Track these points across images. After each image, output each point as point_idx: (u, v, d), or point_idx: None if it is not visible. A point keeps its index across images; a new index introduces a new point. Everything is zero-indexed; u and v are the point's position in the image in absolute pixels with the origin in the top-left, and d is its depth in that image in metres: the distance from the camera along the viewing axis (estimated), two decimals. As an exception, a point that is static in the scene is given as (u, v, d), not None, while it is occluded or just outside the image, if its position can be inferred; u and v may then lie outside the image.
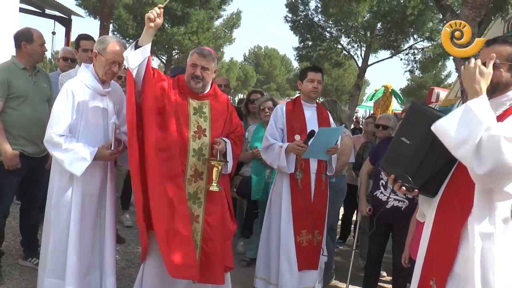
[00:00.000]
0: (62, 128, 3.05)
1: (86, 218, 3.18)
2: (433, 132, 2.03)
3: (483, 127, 1.85)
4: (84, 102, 3.16)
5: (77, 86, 3.16)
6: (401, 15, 19.62)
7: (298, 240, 3.76)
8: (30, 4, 10.37)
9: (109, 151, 3.15)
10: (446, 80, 41.32)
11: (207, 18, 24.17)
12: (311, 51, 24.13)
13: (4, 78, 3.58)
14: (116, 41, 3.25)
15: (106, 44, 3.19)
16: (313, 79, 3.89)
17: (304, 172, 3.80)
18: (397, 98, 13.10)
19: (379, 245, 4.06)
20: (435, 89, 9.58)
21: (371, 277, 4.13)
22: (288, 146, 3.68)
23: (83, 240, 3.17)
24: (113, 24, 23.12)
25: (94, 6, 18.50)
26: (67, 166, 3.02)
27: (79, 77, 3.24)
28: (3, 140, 3.57)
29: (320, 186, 3.88)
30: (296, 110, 3.94)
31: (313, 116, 3.94)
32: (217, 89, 3.44)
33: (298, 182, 3.77)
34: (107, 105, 3.29)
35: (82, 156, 3.03)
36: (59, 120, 3.05)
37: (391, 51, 22.40)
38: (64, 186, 3.13)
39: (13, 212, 4.85)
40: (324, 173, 3.91)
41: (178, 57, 27.94)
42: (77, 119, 3.13)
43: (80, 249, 3.14)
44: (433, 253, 2.14)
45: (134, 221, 5.73)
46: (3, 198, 3.70)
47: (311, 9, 22.85)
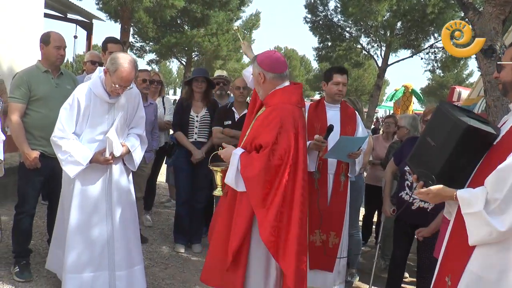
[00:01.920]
0: (63, 132, 3.27)
1: (85, 213, 3.35)
2: (456, 135, 2.09)
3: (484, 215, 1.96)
4: (90, 108, 3.32)
5: (84, 93, 3.31)
6: (421, 13, 19.41)
7: (311, 239, 3.74)
8: (53, 9, 10.58)
9: (103, 158, 3.33)
10: (468, 79, 40.69)
11: (227, 20, 24.27)
12: (331, 51, 24.05)
13: (24, 82, 3.69)
14: (126, 65, 3.20)
15: (116, 67, 3.19)
16: (338, 82, 3.87)
17: (322, 173, 3.79)
18: (417, 98, 12.97)
19: (403, 247, 4.01)
20: (457, 88, 9.45)
21: (395, 279, 4.08)
22: (309, 144, 3.63)
23: (81, 234, 3.33)
24: (133, 28, 23.41)
25: (115, 10, 18.74)
26: (63, 167, 3.31)
27: (89, 83, 3.37)
28: (24, 141, 3.68)
29: (339, 188, 3.86)
30: (318, 111, 3.94)
31: (335, 116, 3.92)
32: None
33: (315, 182, 3.75)
34: (113, 114, 3.41)
35: (76, 160, 3.25)
36: (61, 125, 3.28)
37: (411, 50, 22.17)
38: (67, 180, 3.41)
39: (40, 212, 4.97)
40: (343, 174, 3.89)
41: (198, 59, 28.12)
42: (81, 123, 3.33)
43: (77, 242, 3.32)
44: (451, 250, 2.17)
45: (154, 221, 5.82)
46: (28, 198, 3.80)
47: (330, 9, 22.78)
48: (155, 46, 25.51)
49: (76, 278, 3.32)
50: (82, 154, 3.26)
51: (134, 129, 3.62)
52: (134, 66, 3.28)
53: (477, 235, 1.98)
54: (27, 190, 3.80)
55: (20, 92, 3.68)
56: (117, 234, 3.43)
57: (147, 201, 5.74)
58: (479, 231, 1.97)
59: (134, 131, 3.62)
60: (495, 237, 1.93)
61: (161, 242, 5.11)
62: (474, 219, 2.00)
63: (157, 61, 29.46)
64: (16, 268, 3.77)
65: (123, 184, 3.52)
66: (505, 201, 1.90)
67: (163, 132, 5.57)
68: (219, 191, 3.01)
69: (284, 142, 2.70)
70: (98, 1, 19.23)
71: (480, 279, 1.98)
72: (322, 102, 4.01)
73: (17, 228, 3.83)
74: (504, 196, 1.90)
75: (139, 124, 3.66)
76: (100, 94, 3.32)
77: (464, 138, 2.10)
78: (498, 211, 1.92)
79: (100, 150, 3.34)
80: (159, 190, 7.02)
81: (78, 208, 3.33)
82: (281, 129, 2.71)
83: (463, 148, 2.11)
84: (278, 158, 2.68)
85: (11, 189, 5.38)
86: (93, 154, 3.30)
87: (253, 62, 2.97)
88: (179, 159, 4.95)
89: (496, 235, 1.92)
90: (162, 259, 4.62)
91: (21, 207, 3.81)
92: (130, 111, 3.55)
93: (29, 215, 3.86)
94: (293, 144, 2.72)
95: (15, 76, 3.89)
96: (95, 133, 3.35)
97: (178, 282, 4.11)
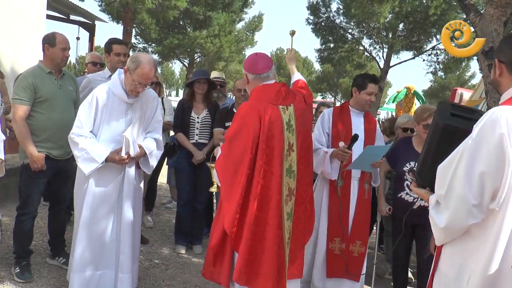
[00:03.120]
0: (81, 130, 3.30)
1: (97, 213, 3.38)
2: (437, 134, 2.12)
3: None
4: (108, 108, 3.36)
5: (104, 92, 3.36)
6: (423, 15, 19.44)
7: (330, 246, 3.72)
8: (56, 10, 10.62)
9: (119, 157, 3.35)
10: (470, 81, 40.65)
11: (229, 21, 24.32)
12: (333, 53, 24.10)
13: (30, 83, 3.66)
14: (147, 63, 3.29)
15: (137, 64, 3.26)
16: (372, 92, 3.77)
17: (345, 180, 3.73)
18: (419, 99, 12.95)
19: (405, 247, 3.98)
20: (459, 90, 9.41)
21: (401, 281, 4.04)
22: (332, 152, 3.62)
23: (92, 232, 3.37)
24: (135, 29, 23.47)
25: (117, 11, 18.79)
26: (79, 164, 3.32)
27: (109, 83, 3.44)
28: (29, 143, 3.66)
29: (363, 196, 3.80)
30: (343, 116, 3.85)
31: (359, 124, 3.84)
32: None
33: (338, 190, 3.72)
34: (131, 114, 3.45)
35: (92, 157, 3.27)
36: (79, 123, 3.31)
37: (413, 52, 22.19)
38: (81, 179, 3.43)
39: (41, 213, 4.98)
40: (367, 182, 3.82)
41: (200, 60, 28.15)
42: (99, 123, 3.36)
43: (88, 240, 3.36)
44: (437, 249, 2.19)
45: (155, 222, 5.83)
46: (31, 199, 3.80)
47: (332, 11, 22.85)
48: (158, 47, 25.55)
49: (82, 275, 3.36)
50: (98, 152, 3.29)
51: (151, 133, 3.63)
52: (154, 65, 3.38)
53: (435, 234, 2.01)
54: (31, 191, 3.79)
55: (25, 93, 3.64)
56: (124, 236, 3.46)
57: (148, 202, 5.74)
58: (435, 231, 2.00)
59: (151, 135, 3.63)
60: (444, 234, 1.94)
61: (162, 243, 5.11)
62: (431, 219, 2.02)
63: (160, 63, 29.51)
64: (17, 268, 3.77)
65: (135, 188, 3.56)
66: (446, 197, 1.89)
67: (164, 133, 5.56)
68: (215, 187, 3.13)
69: (243, 136, 2.85)
70: (101, 3, 19.28)
71: (445, 277, 2.01)
72: (346, 107, 3.90)
73: (19, 229, 3.82)
74: (445, 192, 1.89)
75: (156, 128, 3.68)
76: (119, 93, 3.37)
77: (443, 137, 2.11)
78: (445, 207, 1.92)
79: (116, 149, 3.36)
80: (160, 191, 7.03)
81: (89, 206, 3.36)
82: (241, 124, 2.90)
83: (445, 147, 2.09)
84: (236, 152, 2.87)
85: (13, 190, 5.39)
86: (109, 153, 3.32)
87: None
88: (180, 160, 4.96)
89: (442, 232, 1.94)
90: (163, 260, 4.61)
91: (23, 209, 3.80)
92: (148, 114, 3.59)
93: (32, 217, 3.85)
94: (251, 138, 2.82)
95: (19, 77, 3.83)
96: (112, 133, 3.38)
97: (178, 283, 4.11)
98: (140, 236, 4.98)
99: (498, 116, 1.79)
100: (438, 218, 1.94)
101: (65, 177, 3.90)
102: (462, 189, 1.82)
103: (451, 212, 1.87)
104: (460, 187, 1.83)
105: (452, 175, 1.87)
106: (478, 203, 1.81)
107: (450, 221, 1.89)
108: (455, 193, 1.85)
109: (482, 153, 1.79)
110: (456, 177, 1.85)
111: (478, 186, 1.80)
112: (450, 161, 1.90)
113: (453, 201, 1.86)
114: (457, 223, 1.87)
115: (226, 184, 2.91)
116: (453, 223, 1.89)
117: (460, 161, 1.84)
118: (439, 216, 1.94)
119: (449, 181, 1.88)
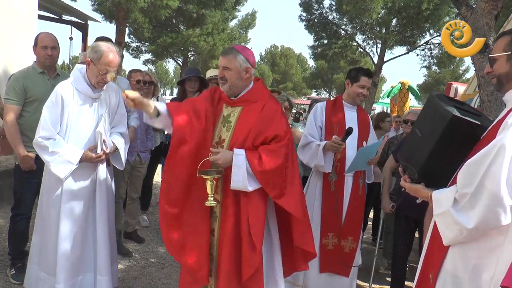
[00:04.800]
0: (48, 132, 3.12)
1: (75, 218, 3.23)
2: (441, 126, 2.02)
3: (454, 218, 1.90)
4: (74, 106, 3.20)
5: (67, 90, 3.20)
6: (416, 10, 19.46)
7: (323, 242, 3.70)
8: (48, 11, 10.55)
9: (96, 154, 3.23)
10: (464, 75, 40.79)
11: (222, 19, 24.29)
12: (327, 49, 24.11)
13: (20, 84, 3.67)
14: (109, 50, 3.19)
15: (100, 54, 3.16)
16: (364, 85, 3.74)
17: (339, 175, 3.71)
18: (414, 94, 12.99)
19: (405, 243, 3.99)
20: (453, 84, 9.44)
21: (399, 277, 4.03)
22: (325, 144, 3.58)
23: (73, 240, 3.21)
24: (129, 28, 23.38)
25: (110, 10, 18.71)
26: (53, 169, 3.12)
27: (70, 80, 3.28)
28: (19, 143, 3.66)
29: (357, 191, 3.77)
30: (336, 110, 3.83)
31: (353, 118, 3.83)
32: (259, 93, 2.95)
33: (332, 184, 3.70)
34: (97, 109, 3.32)
35: (66, 160, 3.12)
36: (46, 124, 3.13)
37: (407, 47, 22.25)
38: (53, 185, 3.22)
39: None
40: (361, 178, 3.80)
41: (194, 58, 28.11)
42: (66, 122, 3.19)
43: (70, 249, 3.19)
44: (431, 247, 2.13)
45: (151, 221, 5.83)
46: (24, 200, 3.80)
47: (325, 7, 22.84)
48: (151, 46, 25.48)
49: (70, 284, 3.23)
50: (71, 153, 3.14)
51: (116, 128, 3.53)
52: (116, 50, 3.26)
53: (449, 235, 1.92)
54: (23, 192, 3.79)
55: (15, 93, 3.66)
56: (100, 238, 3.33)
57: (144, 201, 5.74)
58: (450, 230, 1.91)
59: (117, 130, 3.52)
60: (466, 235, 1.86)
61: (158, 242, 5.11)
62: (443, 218, 1.93)
63: (153, 61, 29.43)
64: (12, 270, 3.77)
65: (108, 185, 3.44)
66: (475, 196, 1.81)
67: (159, 132, 5.56)
68: (211, 201, 2.69)
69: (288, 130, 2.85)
70: (93, 2, 19.19)
71: (455, 278, 1.94)
72: (339, 100, 3.88)
73: (13, 230, 3.83)
74: (474, 190, 1.81)
75: (120, 122, 3.56)
76: (84, 89, 3.23)
77: (448, 129, 2.02)
78: (468, 207, 1.84)
79: (90, 147, 3.23)
80: (156, 190, 7.01)
81: (68, 214, 3.20)
82: (285, 118, 2.89)
83: (448, 140, 2.03)
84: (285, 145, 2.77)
85: (8, 192, 5.38)
86: (82, 152, 3.19)
87: (236, 55, 2.80)
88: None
89: (466, 233, 1.85)
90: (159, 259, 4.62)
91: (17, 210, 3.80)
92: (113, 107, 3.46)
93: (25, 218, 3.85)
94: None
95: (11, 77, 3.85)
96: (80, 131, 3.24)
97: (175, 281, 4.11)
98: (136, 235, 5.04)
99: None
100: (461, 217, 1.85)
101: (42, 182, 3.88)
102: (497, 189, 1.75)
103: (482, 212, 1.79)
104: (495, 186, 1.76)
105: (484, 173, 1.79)
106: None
107: (481, 222, 1.80)
108: (488, 192, 1.78)
109: None
110: (489, 176, 1.78)
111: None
112: (481, 159, 1.82)
113: (485, 200, 1.79)
114: (490, 223, 1.80)
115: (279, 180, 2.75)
116: (484, 223, 1.81)
117: (496, 159, 1.77)
118: (462, 215, 1.85)
119: (480, 180, 1.80)
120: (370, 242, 5.97)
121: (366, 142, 3.81)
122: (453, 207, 1.89)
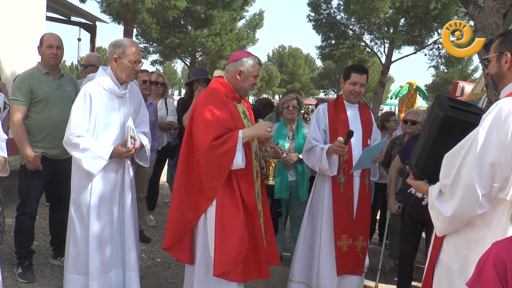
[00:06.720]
0: (79, 130, 3.18)
1: (105, 216, 3.31)
2: (436, 125, 2.14)
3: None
4: (102, 104, 3.27)
5: (94, 89, 3.26)
6: (424, 9, 19.34)
7: (338, 244, 3.66)
8: (56, 12, 10.62)
9: (125, 149, 3.28)
10: (473, 74, 40.52)
11: (230, 20, 24.29)
12: (334, 49, 24.05)
13: (27, 85, 3.70)
14: (131, 42, 3.40)
15: (124, 47, 3.30)
16: (355, 82, 3.66)
17: (348, 176, 3.68)
18: (422, 94, 12.93)
19: (412, 244, 3.95)
20: (460, 83, 9.39)
21: (405, 278, 3.99)
22: (329, 148, 3.56)
23: (104, 237, 3.30)
24: (136, 29, 23.48)
25: (117, 11, 18.79)
26: (85, 165, 3.17)
27: (97, 80, 3.33)
28: (25, 143, 3.68)
29: (365, 190, 3.76)
30: (338, 111, 3.78)
31: (356, 117, 3.80)
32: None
33: (341, 186, 3.66)
34: (124, 107, 3.39)
35: (98, 155, 3.18)
36: (77, 122, 3.19)
37: (415, 46, 22.12)
38: (83, 185, 3.29)
39: (44, 214, 5.01)
40: (367, 176, 3.79)
41: (202, 59, 28.14)
42: (95, 120, 3.25)
43: (101, 246, 3.28)
44: (435, 241, 2.21)
45: (158, 221, 5.83)
46: (29, 200, 3.82)
47: (333, 7, 22.78)
48: (159, 47, 25.58)
49: (103, 281, 3.30)
50: (102, 148, 3.21)
51: (138, 128, 3.58)
52: (136, 43, 3.48)
53: (437, 224, 2.03)
54: (28, 192, 3.82)
55: (22, 94, 3.68)
56: (128, 233, 3.44)
57: (150, 201, 5.75)
58: (438, 220, 2.01)
59: (140, 130, 3.58)
60: (448, 224, 1.96)
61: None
62: (432, 209, 2.04)
63: (161, 62, 29.53)
64: (19, 269, 3.79)
65: (133, 184, 3.53)
66: (453, 186, 1.91)
67: (166, 133, 5.58)
68: (272, 180, 3.40)
69: None
70: (101, 3, 19.29)
71: (448, 269, 2.02)
72: (341, 100, 3.83)
73: (19, 229, 3.85)
74: (452, 181, 1.91)
75: (142, 122, 3.64)
76: (111, 88, 3.30)
77: (442, 127, 2.12)
78: (449, 197, 1.93)
79: (120, 142, 3.30)
80: (163, 190, 7.03)
81: (97, 211, 3.27)
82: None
83: (444, 137, 2.12)
84: None
85: (15, 192, 5.40)
86: (112, 148, 3.25)
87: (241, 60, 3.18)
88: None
89: (447, 222, 1.95)
90: (165, 258, 4.62)
91: (22, 209, 3.83)
92: (136, 106, 3.54)
93: (31, 217, 3.88)
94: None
95: (16, 78, 3.89)
96: (108, 129, 3.30)
97: (181, 281, 4.09)
98: (142, 235, 5.05)
99: (509, 108, 1.81)
100: (442, 207, 1.95)
101: (64, 177, 3.89)
102: (471, 179, 1.84)
103: (458, 201, 1.88)
104: (469, 177, 1.84)
105: (460, 165, 1.88)
106: (487, 193, 1.83)
107: (457, 210, 1.90)
108: (463, 182, 1.87)
109: (493, 144, 1.81)
110: (464, 167, 1.87)
111: (487, 176, 1.82)
112: (457, 151, 1.91)
113: (460, 190, 1.88)
114: (465, 212, 1.89)
115: None
116: (460, 212, 1.90)
117: (469, 151, 1.85)
118: (443, 205, 1.95)
119: (456, 171, 1.89)
120: (376, 243, 5.94)
121: (370, 139, 3.79)
122: (437, 197, 2.02)
